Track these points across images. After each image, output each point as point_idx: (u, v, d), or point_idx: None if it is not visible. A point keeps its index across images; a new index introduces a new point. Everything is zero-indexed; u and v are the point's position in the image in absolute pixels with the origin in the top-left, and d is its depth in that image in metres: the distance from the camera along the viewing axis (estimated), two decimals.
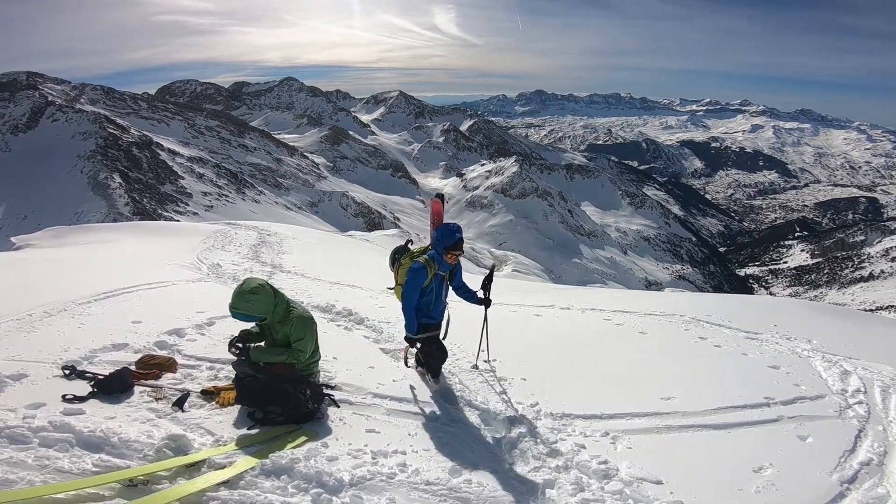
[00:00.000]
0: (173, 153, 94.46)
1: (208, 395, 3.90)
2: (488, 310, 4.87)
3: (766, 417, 4.37)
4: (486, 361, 5.16)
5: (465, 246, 4.52)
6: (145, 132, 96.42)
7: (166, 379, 4.13)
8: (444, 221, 4.64)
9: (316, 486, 2.93)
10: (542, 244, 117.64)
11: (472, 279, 5.69)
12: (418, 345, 4.51)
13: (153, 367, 4.20)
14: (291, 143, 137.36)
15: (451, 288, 4.66)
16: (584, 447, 3.72)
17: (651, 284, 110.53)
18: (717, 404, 4.49)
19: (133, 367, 4.13)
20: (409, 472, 3.22)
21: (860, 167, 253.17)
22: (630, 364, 5.53)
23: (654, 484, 3.35)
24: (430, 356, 4.52)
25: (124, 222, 32.53)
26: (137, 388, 3.86)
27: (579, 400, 4.45)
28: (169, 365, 4.31)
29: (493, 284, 4.89)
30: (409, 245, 4.82)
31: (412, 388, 4.47)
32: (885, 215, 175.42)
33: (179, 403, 3.69)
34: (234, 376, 3.95)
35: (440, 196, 5.14)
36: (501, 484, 3.24)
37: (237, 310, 3.72)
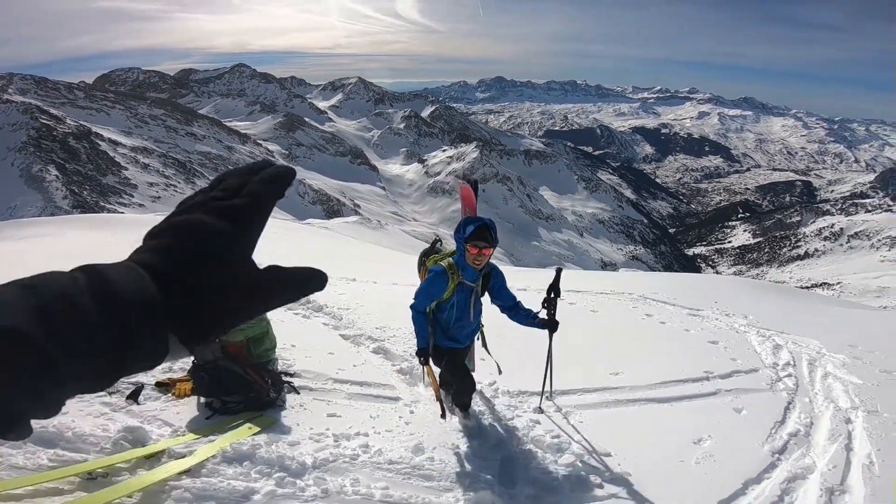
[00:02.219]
0: (115, 143, 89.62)
1: (163, 386, 3.84)
2: (554, 334, 3.93)
3: (706, 391, 4.66)
4: (548, 398, 4.28)
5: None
6: (83, 122, 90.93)
7: None
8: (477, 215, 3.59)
9: (279, 470, 2.96)
10: (502, 228, 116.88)
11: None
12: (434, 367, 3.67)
13: None
14: (243, 131, 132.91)
15: (500, 307, 3.73)
16: (538, 423, 3.89)
17: (606, 265, 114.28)
18: (660, 378, 4.77)
19: None
20: (372, 452, 3.28)
21: (796, 152, 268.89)
22: (582, 341, 5.77)
23: (603, 456, 3.54)
24: (457, 390, 3.74)
25: (64, 216, 30.70)
26: None
27: (534, 377, 4.61)
28: None
29: (557, 297, 3.86)
30: (437, 245, 4.08)
31: (373, 372, 4.53)
32: (818, 197, 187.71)
33: (133, 396, 3.63)
34: (189, 367, 3.90)
35: (471, 181, 3.86)
36: (462, 461, 3.36)
37: None
